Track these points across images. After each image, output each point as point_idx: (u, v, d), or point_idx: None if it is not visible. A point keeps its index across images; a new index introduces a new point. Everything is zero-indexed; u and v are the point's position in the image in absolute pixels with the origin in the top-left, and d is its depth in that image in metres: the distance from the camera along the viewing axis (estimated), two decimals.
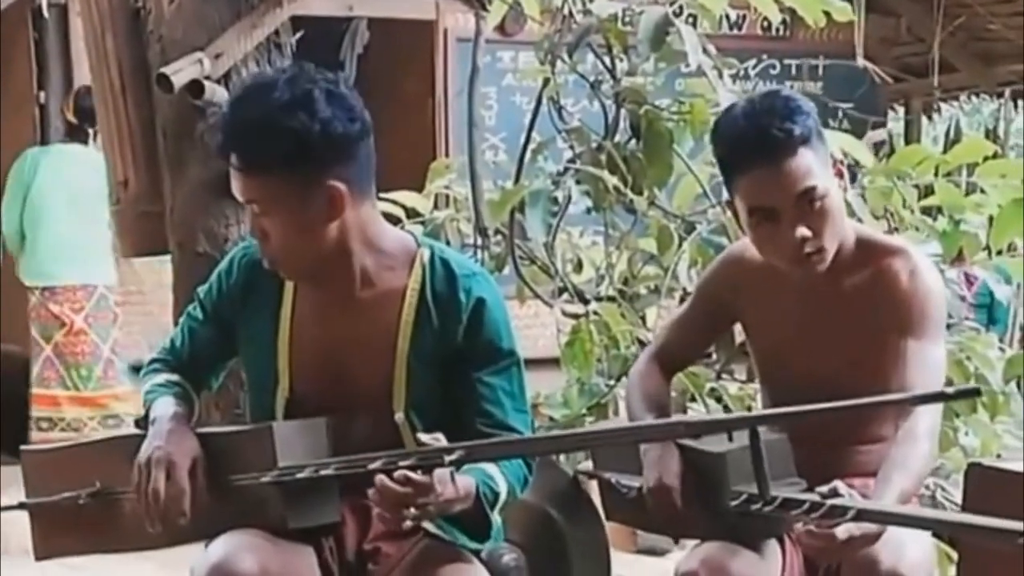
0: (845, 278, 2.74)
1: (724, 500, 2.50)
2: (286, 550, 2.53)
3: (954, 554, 2.53)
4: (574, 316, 4.12)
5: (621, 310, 4.02)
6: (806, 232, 2.64)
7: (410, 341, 2.60)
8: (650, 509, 2.63)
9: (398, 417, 2.60)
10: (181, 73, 4.14)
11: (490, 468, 2.52)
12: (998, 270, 4.21)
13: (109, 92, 4.43)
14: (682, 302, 3.68)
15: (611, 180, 3.96)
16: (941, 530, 2.65)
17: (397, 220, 4.11)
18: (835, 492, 2.26)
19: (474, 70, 4.55)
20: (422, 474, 2.32)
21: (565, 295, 4.25)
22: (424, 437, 2.37)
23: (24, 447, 3.01)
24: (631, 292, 4.21)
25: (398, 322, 2.60)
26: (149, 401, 2.70)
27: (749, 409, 3.75)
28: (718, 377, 4.00)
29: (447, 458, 2.35)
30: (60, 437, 6.33)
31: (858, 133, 4.66)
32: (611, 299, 4.14)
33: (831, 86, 8.76)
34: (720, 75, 3.92)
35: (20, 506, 2.89)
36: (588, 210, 4.13)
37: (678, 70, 4.21)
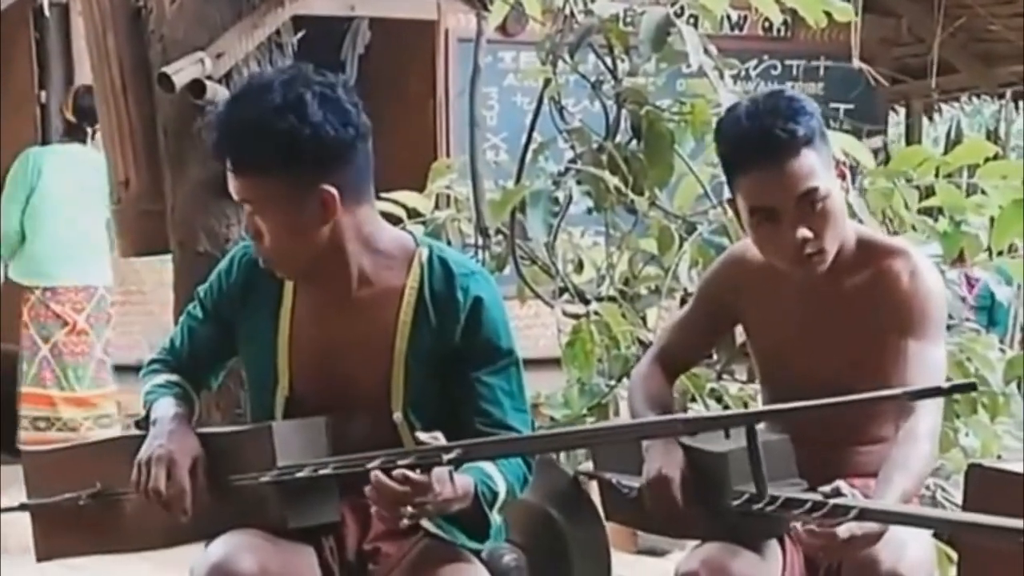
0: (846, 279, 2.74)
1: (726, 500, 2.49)
2: (286, 550, 2.53)
3: (954, 554, 2.53)
4: (575, 316, 4.11)
5: (622, 310, 4.02)
6: (807, 233, 2.64)
7: (408, 340, 2.59)
8: (649, 502, 2.62)
9: (396, 416, 2.59)
10: (182, 72, 4.13)
11: (489, 467, 2.52)
12: (999, 271, 4.21)
13: (110, 91, 4.43)
14: (683, 303, 3.68)
15: (612, 180, 3.96)
16: (944, 529, 2.65)
17: (398, 220, 4.11)
18: (838, 492, 2.26)
19: (475, 70, 4.54)
20: (420, 473, 2.32)
21: (566, 295, 4.24)
22: (423, 436, 2.37)
23: (25, 448, 3.01)
24: (632, 292, 4.21)
25: (396, 321, 2.60)
26: (149, 402, 2.70)
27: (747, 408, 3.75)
28: (719, 377, 4.00)
29: (445, 457, 2.34)
30: (56, 437, 6.34)
31: (856, 135, 4.65)
32: (612, 299, 4.14)
33: (832, 87, 8.77)
34: (721, 76, 3.91)
35: (21, 507, 2.89)
36: (589, 210, 4.13)
37: (679, 71, 4.21)
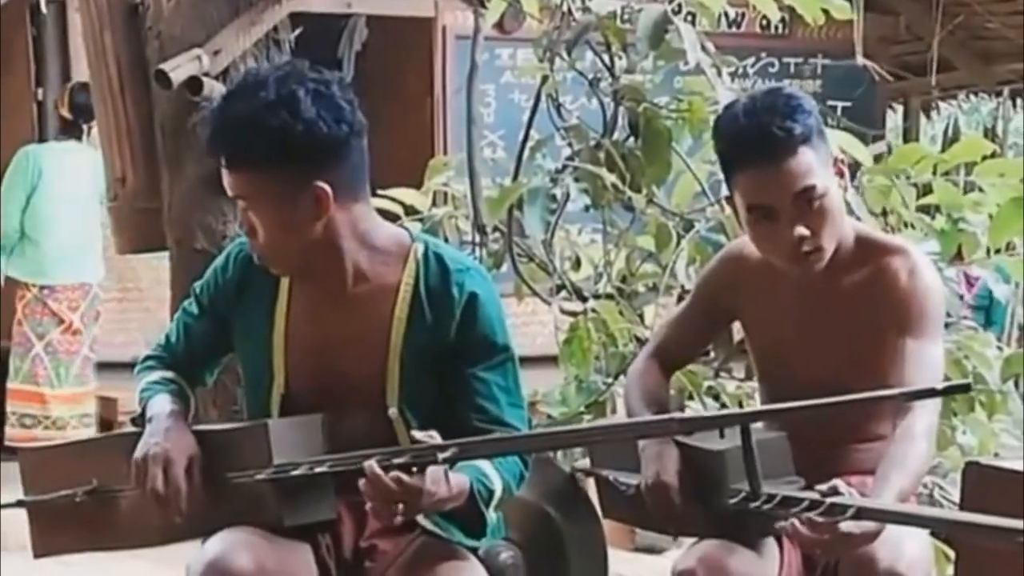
0: (844, 276, 2.74)
1: (723, 498, 2.49)
2: (282, 547, 2.53)
3: (952, 553, 2.53)
4: (572, 314, 4.11)
5: (619, 308, 4.02)
6: (804, 231, 2.63)
7: (404, 336, 2.59)
8: (648, 506, 2.63)
9: (391, 412, 2.59)
10: (179, 70, 4.13)
11: (485, 465, 2.51)
12: (998, 270, 4.21)
13: (107, 88, 4.42)
14: (680, 300, 3.68)
15: (609, 178, 3.96)
16: (942, 528, 2.64)
17: (396, 217, 4.11)
18: (835, 490, 2.26)
19: (473, 67, 4.54)
20: (416, 472, 2.32)
21: (563, 293, 4.24)
22: (418, 434, 2.37)
23: (22, 446, 3.01)
24: (629, 290, 4.21)
25: (392, 317, 2.59)
26: (145, 399, 2.70)
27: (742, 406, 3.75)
28: (716, 375, 3.99)
29: (441, 455, 2.34)
30: (44, 435, 6.35)
31: (855, 132, 4.64)
32: (609, 297, 4.13)
33: (829, 85, 8.76)
34: (719, 73, 3.91)
35: (17, 504, 2.88)
36: (586, 208, 4.13)
37: (677, 68, 4.20)
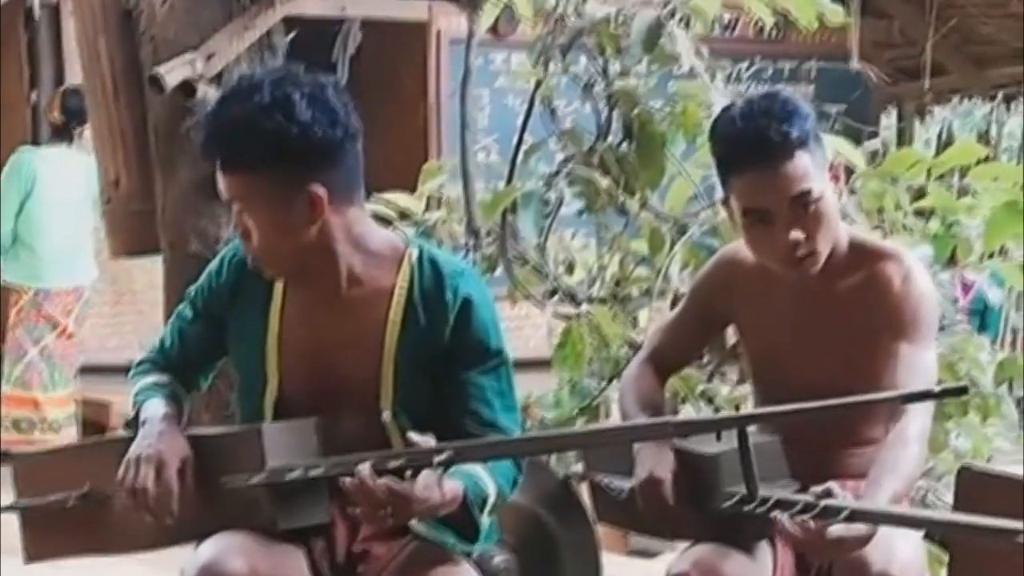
0: (838, 281, 2.74)
1: (717, 502, 2.49)
2: (276, 551, 2.53)
3: (944, 556, 2.53)
4: (566, 317, 4.11)
5: (613, 311, 4.02)
6: (799, 235, 2.63)
7: (398, 340, 2.58)
8: (640, 506, 2.62)
9: (385, 416, 2.58)
10: (173, 73, 4.14)
11: (478, 470, 2.51)
12: (993, 275, 4.22)
13: (101, 92, 4.43)
14: (674, 304, 3.68)
15: (603, 182, 3.97)
16: (936, 530, 2.65)
17: (389, 222, 4.11)
18: (829, 493, 2.26)
19: (467, 72, 4.54)
20: (409, 475, 2.32)
21: (557, 296, 4.24)
22: (414, 437, 2.37)
23: (15, 451, 3.00)
24: (623, 294, 4.21)
25: (386, 321, 2.59)
26: (139, 402, 2.69)
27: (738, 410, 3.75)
28: (710, 379, 3.99)
29: (435, 459, 2.34)
30: (39, 438, 6.33)
31: (850, 136, 4.65)
32: (603, 300, 4.14)
33: (824, 89, 8.77)
34: (713, 77, 3.92)
35: (9, 508, 2.88)
36: (580, 211, 4.13)
37: (671, 72, 4.21)
